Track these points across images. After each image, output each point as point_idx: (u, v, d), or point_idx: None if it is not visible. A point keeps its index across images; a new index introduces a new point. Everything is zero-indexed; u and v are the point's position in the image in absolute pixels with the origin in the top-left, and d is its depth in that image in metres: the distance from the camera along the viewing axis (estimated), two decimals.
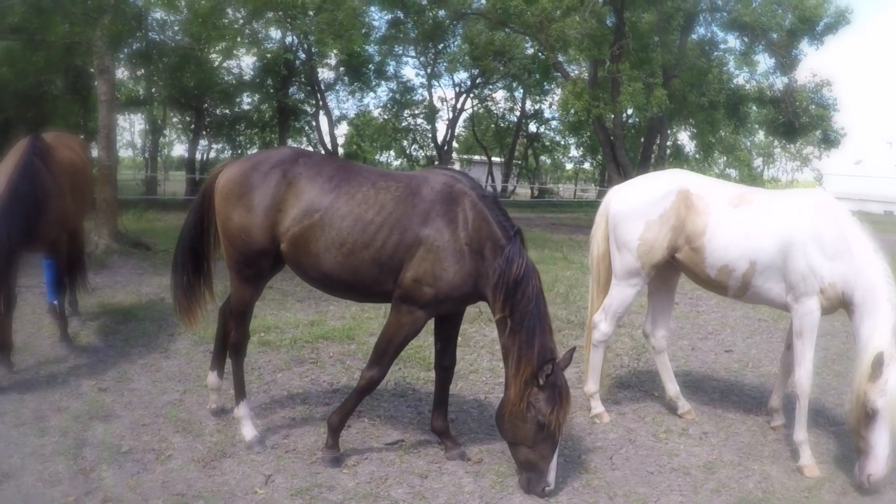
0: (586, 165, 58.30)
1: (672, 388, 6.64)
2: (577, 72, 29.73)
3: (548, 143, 52.01)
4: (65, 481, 4.77)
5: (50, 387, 6.61)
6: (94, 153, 16.51)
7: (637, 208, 6.15)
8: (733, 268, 5.77)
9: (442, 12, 31.51)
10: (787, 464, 5.69)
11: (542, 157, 57.09)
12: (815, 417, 6.50)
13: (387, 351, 5.10)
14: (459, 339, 9.01)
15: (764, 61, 26.79)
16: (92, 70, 16.65)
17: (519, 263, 4.77)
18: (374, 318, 9.60)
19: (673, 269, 6.42)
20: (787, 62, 24.56)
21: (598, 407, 6.45)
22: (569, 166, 65.66)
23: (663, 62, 23.55)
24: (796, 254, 5.51)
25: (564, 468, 5.33)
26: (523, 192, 54.57)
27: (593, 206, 33.47)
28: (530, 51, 34.06)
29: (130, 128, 45.94)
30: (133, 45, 22.04)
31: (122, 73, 30.38)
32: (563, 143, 50.49)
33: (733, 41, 26.59)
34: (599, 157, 45.71)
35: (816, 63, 53.26)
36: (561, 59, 26.53)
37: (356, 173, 5.29)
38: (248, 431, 5.52)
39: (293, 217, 5.11)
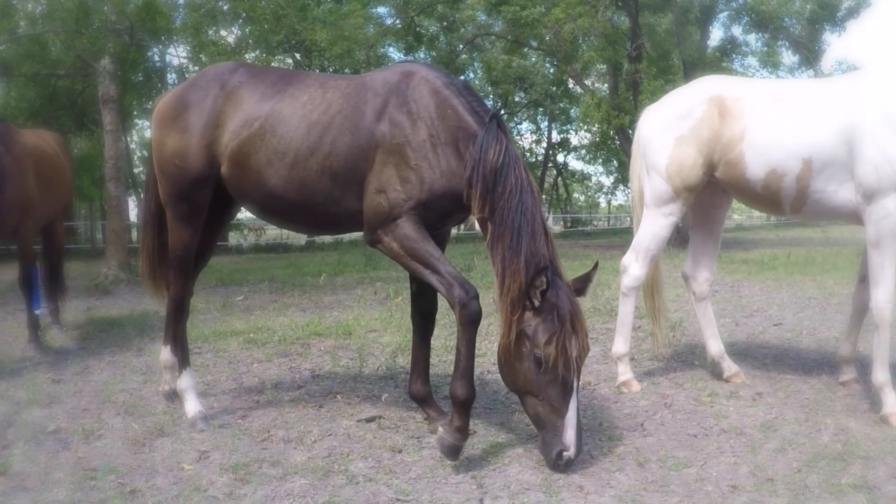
0: (620, 197, 57.08)
1: (715, 345, 5.52)
2: (597, 86, 28.98)
3: (576, 173, 51.07)
4: None
5: (1, 378, 5.94)
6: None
7: (665, 125, 5.22)
8: (783, 171, 4.68)
9: (461, 45, 31.07)
10: (866, 416, 4.53)
11: (576, 195, 56.02)
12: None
13: (434, 272, 3.85)
14: (481, 328, 8.00)
15: (787, 57, 25.91)
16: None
17: (497, 149, 3.77)
18: (377, 317, 8.64)
19: (717, 197, 5.44)
20: (810, 56, 23.44)
21: (625, 373, 5.35)
22: (602, 203, 64.57)
23: (683, 58, 22.53)
24: (864, 140, 4.36)
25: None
26: (556, 228, 53.58)
27: (628, 231, 32.34)
28: (550, 71, 33.40)
29: None
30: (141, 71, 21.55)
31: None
32: (591, 160, 49.17)
33: (754, 40, 25.65)
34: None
35: (839, 52, 51.54)
36: (578, 69, 25.66)
37: (305, 77, 4.46)
38: (192, 406, 4.58)
39: (231, 131, 4.29)
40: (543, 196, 47.96)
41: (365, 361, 6.38)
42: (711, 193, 5.37)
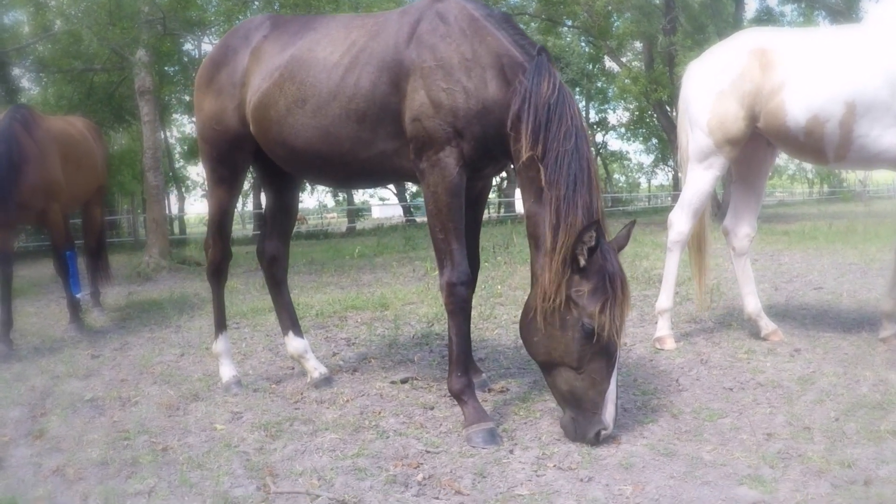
0: (660, 176, 56.37)
1: (753, 302, 5.42)
2: (634, 64, 28.57)
3: (615, 153, 50.55)
4: (9, 424, 4.18)
5: (41, 355, 6.08)
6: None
7: (706, 80, 5.15)
8: (825, 116, 4.58)
9: None
10: None
11: (616, 175, 55.45)
12: None
13: (445, 239, 3.62)
14: (517, 296, 8.03)
15: (825, 27, 25.26)
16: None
17: (550, 83, 3.38)
18: (415, 291, 8.65)
19: (760, 151, 5.35)
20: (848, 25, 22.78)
21: (663, 329, 5.30)
22: (643, 184, 63.78)
23: (718, 31, 22.10)
24: None
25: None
26: None
27: (668, 209, 31.92)
28: (586, 50, 33.01)
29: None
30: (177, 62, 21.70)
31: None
32: (631, 137, 48.44)
33: (790, 10, 25.02)
34: (671, 163, 44.07)
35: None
36: (613, 46, 25.28)
37: (329, 20, 4.24)
38: (226, 371, 4.64)
39: (253, 86, 4.17)
40: None
41: (400, 330, 6.40)
42: (755, 147, 5.28)
